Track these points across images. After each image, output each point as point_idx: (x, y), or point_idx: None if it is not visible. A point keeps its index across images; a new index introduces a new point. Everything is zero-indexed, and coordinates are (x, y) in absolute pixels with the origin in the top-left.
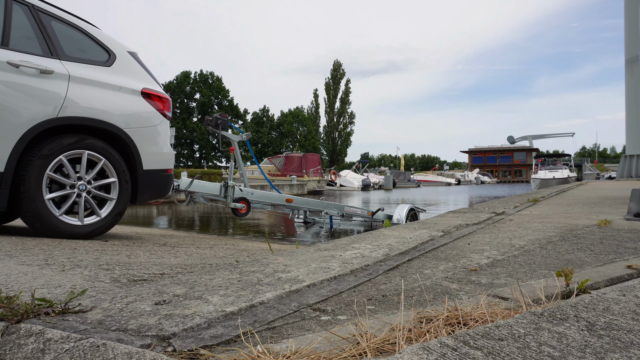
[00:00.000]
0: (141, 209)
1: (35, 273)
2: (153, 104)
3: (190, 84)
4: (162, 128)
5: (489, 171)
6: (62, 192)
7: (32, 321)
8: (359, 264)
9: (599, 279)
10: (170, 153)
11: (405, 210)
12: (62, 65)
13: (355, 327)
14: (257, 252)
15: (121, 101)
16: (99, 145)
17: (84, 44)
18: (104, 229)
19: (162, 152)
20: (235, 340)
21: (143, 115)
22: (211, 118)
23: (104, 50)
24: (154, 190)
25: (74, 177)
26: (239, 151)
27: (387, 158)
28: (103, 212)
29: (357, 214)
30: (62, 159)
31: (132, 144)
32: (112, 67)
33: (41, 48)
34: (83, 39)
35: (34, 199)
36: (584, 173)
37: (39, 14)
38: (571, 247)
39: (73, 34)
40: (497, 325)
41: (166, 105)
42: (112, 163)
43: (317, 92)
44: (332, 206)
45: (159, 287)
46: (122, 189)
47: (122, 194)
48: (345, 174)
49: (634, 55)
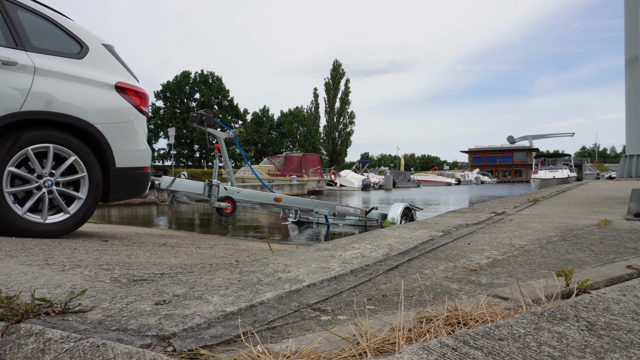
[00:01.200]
0: (141, 209)
1: (35, 273)
2: (128, 98)
3: (190, 83)
4: (137, 124)
5: (489, 171)
6: (24, 188)
7: (32, 321)
8: (359, 264)
9: (599, 279)
10: (146, 150)
11: (400, 209)
12: (28, 56)
13: (355, 327)
14: (257, 252)
15: (92, 95)
16: (67, 140)
17: (54, 35)
18: (70, 228)
19: (137, 149)
20: (235, 340)
21: (116, 111)
22: (196, 114)
23: (76, 42)
24: (128, 188)
25: (39, 173)
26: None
27: (387, 158)
28: (70, 210)
29: (350, 213)
30: (29, 152)
31: (103, 140)
32: (84, 60)
33: (4, 38)
34: (52, 30)
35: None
36: (584, 173)
37: (3, 2)
38: (571, 247)
39: (41, 24)
40: (497, 325)
41: (143, 101)
42: (82, 160)
43: (317, 92)
44: (323, 205)
45: (159, 287)
46: (92, 187)
47: (91, 192)
48: (345, 174)
49: (634, 55)
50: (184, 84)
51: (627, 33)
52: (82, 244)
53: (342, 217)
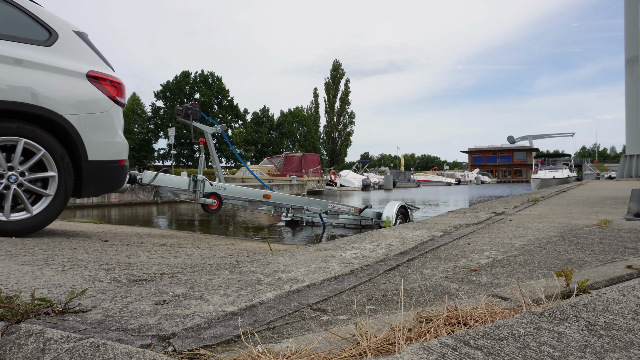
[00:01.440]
0: (141, 208)
1: (35, 273)
2: (101, 88)
3: (190, 84)
4: (112, 115)
5: (489, 171)
6: None
7: (32, 321)
8: (359, 264)
9: (599, 279)
10: (122, 143)
11: (395, 208)
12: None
13: (355, 327)
14: (257, 252)
15: (62, 84)
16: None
17: (19, 20)
18: (35, 226)
19: (112, 141)
20: (235, 340)
21: (88, 101)
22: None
23: (44, 29)
24: (103, 183)
25: (4, 167)
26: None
27: (387, 158)
28: (36, 208)
29: (343, 211)
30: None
31: (74, 132)
32: (53, 47)
33: None
34: (17, 15)
35: None
36: (584, 173)
37: None
38: (571, 247)
39: (5, 9)
40: (497, 325)
41: (118, 91)
42: (51, 154)
43: (317, 91)
44: (314, 202)
45: (159, 287)
46: (62, 182)
47: (61, 188)
48: (345, 174)
49: (634, 55)
50: (184, 84)
51: (627, 33)
52: (82, 244)
53: (336, 216)
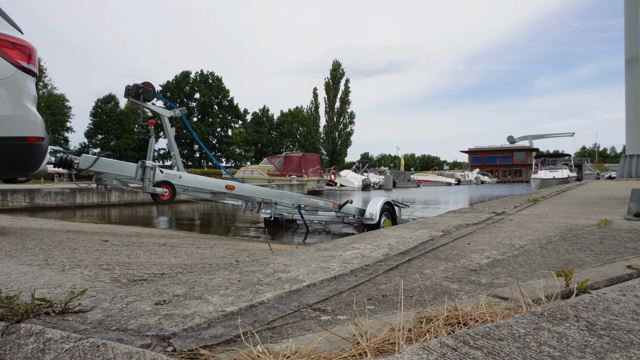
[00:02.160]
0: (141, 208)
1: (35, 273)
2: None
3: (190, 84)
4: (14, 83)
5: (489, 171)
6: None
7: (32, 321)
8: (359, 264)
9: (599, 279)
10: (30, 116)
11: (379, 204)
12: None
13: (355, 327)
14: (257, 252)
15: None
16: None
17: None
18: None
19: (13, 114)
20: (235, 340)
21: None
22: (131, 86)
23: None
24: (6, 164)
25: None
26: (172, 129)
27: (387, 158)
28: None
29: (320, 207)
30: None
31: None
32: None
33: None
34: None
35: None
36: (584, 173)
37: None
38: (571, 247)
39: None
40: (497, 325)
41: (24, 56)
42: None
43: (316, 91)
44: (285, 196)
45: (159, 287)
46: None
47: None
48: (345, 174)
49: (634, 55)
50: (184, 84)
51: (627, 33)
52: (82, 244)
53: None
